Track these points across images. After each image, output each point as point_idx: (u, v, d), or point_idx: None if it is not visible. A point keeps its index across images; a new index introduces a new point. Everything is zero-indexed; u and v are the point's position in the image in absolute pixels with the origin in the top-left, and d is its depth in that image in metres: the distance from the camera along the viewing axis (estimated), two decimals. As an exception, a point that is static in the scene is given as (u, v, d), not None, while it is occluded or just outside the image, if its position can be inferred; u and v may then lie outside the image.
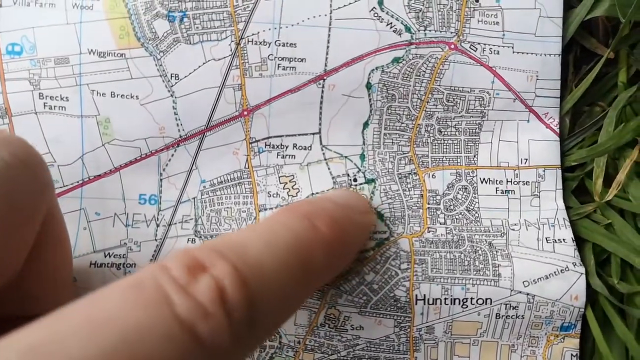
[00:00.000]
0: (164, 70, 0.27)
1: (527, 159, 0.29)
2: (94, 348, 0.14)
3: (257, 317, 0.17)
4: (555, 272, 0.27)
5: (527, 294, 0.27)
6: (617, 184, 0.28)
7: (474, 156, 0.29)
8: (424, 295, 0.27)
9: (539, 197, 0.29)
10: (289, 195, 0.28)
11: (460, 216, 0.29)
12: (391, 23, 0.27)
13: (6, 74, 0.26)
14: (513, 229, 0.28)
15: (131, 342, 0.14)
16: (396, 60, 0.28)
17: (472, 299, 0.27)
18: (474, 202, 0.29)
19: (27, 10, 0.26)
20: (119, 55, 0.27)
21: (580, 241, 0.28)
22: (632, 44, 0.28)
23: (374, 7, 0.27)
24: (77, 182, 0.27)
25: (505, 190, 0.29)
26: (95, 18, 0.26)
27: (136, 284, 0.16)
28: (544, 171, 0.29)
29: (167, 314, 0.15)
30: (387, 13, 0.27)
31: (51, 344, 0.14)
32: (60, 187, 0.27)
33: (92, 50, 0.27)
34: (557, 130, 0.29)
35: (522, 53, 0.28)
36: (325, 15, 0.27)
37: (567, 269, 0.27)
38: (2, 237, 0.18)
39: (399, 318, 0.27)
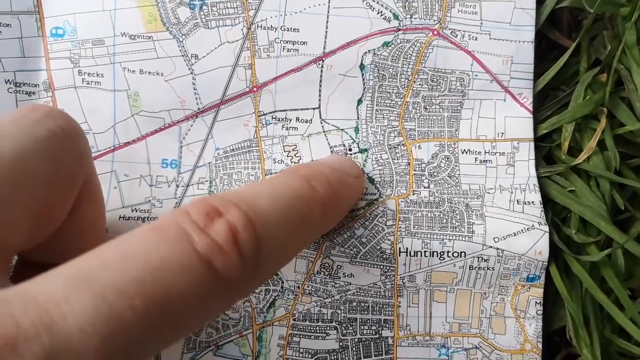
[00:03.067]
0: (185, 51, 0.31)
1: (503, 133, 0.33)
2: (126, 276, 0.16)
3: (263, 256, 0.20)
4: (522, 230, 0.31)
5: (497, 249, 0.31)
6: (589, 150, 0.31)
7: (456, 130, 0.33)
8: (407, 248, 0.31)
9: (514, 166, 0.33)
10: (292, 162, 0.32)
11: (442, 181, 0.32)
12: (381, 11, 0.31)
13: (50, 53, 0.31)
14: (489, 193, 0.32)
15: (157, 271, 0.17)
16: (386, 44, 0.32)
17: (448, 252, 0.31)
18: (455, 170, 0.33)
19: (69, -2, 0.31)
20: (147, 37, 0.31)
21: (548, 202, 0.32)
22: (592, 36, 0.32)
23: (367, -2, 0.31)
24: (110, 147, 0.32)
25: (484, 160, 0.33)
26: (127, 5, 0.31)
27: (161, 225, 0.18)
28: (518, 144, 0.33)
29: (188, 249, 0.18)
30: (377, 2, 0.31)
31: (90, 272, 0.16)
32: (95, 152, 0.31)
33: (124, 33, 0.31)
34: (531, 109, 0.33)
35: (498, 40, 0.32)
36: (324, 4, 0.31)
37: (533, 227, 0.31)
38: (50, 196, 0.21)
39: (384, 268, 0.31)
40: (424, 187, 0.32)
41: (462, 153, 0.33)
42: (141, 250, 0.17)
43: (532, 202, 0.32)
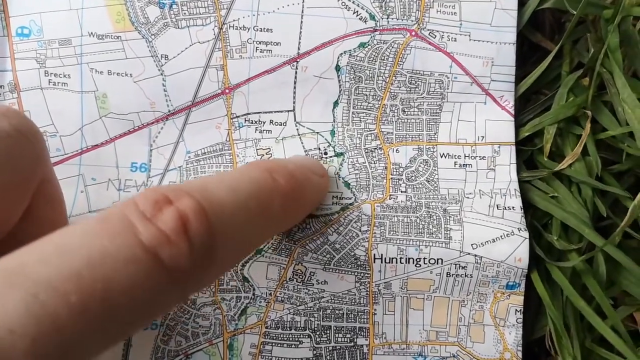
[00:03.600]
0: (155, 51, 0.30)
1: (483, 137, 0.32)
2: (60, 271, 0.15)
3: (217, 248, 0.19)
4: (501, 236, 0.30)
5: (475, 256, 0.30)
6: (574, 156, 0.30)
7: (435, 134, 0.32)
8: (381, 254, 0.30)
9: (494, 170, 0.32)
10: (265, 166, 0.31)
11: (420, 185, 0.32)
12: (357, 11, 0.31)
13: (16, 53, 0.30)
14: (468, 197, 0.31)
15: (95, 265, 0.16)
16: (362, 45, 0.31)
17: (424, 259, 0.30)
18: (434, 174, 0.32)
19: (35, -3, 0.30)
20: (115, 37, 0.30)
21: (528, 207, 0.31)
22: (575, 39, 0.31)
23: (342, -3, 0.30)
24: (77, 150, 0.31)
25: (463, 164, 0.32)
26: (95, 4, 0.30)
27: (106, 216, 0.18)
28: (499, 147, 0.32)
29: (131, 241, 0.17)
30: (353, 2, 0.30)
31: (24, 268, 0.15)
32: (62, 155, 0.31)
33: (92, 33, 0.30)
34: (512, 112, 0.32)
35: (478, 41, 0.31)
36: (298, 4, 0.30)
37: (512, 233, 0.30)
38: (0, 195, 0.20)
39: (359, 274, 0.30)
40: (401, 192, 0.31)
41: (441, 157, 0.32)
42: (81, 243, 0.16)
43: (513, 207, 0.31)
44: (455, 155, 0.32)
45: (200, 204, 0.19)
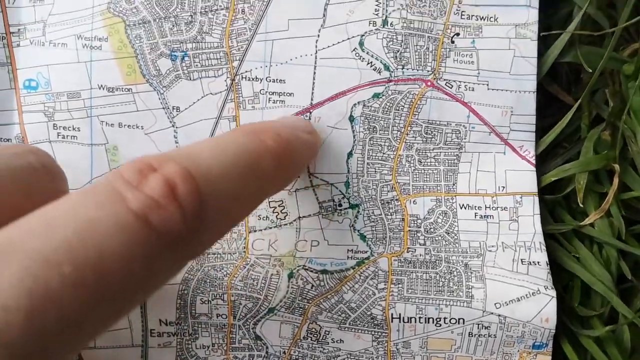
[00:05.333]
0: (166, 103, 0.30)
1: (504, 187, 0.31)
2: (51, 242, 0.15)
3: (208, 211, 0.18)
4: (526, 295, 0.29)
5: (499, 315, 0.28)
6: (602, 211, 0.29)
7: (453, 184, 0.31)
8: (400, 314, 0.29)
9: (517, 221, 0.31)
10: (277, 219, 0.31)
11: (439, 238, 0.30)
12: (371, 62, 0.30)
13: (23, 106, 0.30)
14: (490, 251, 0.30)
15: (86, 234, 0.15)
16: (376, 95, 0.30)
17: (445, 318, 0.28)
18: (454, 226, 0.31)
19: (42, 50, 0.29)
20: (126, 90, 0.30)
21: (552, 264, 0.30)
22: (592, 91, 0.30)
23: (356, 48, 0.30)
24: (85, 204, 0.30)
25: (484, 215, 0.31)
26: (104, 57, 0.29)
27: (92, 188, 0.17)
28: (521, 198, 0.31)
29: (120, 208, 0.16)
30: (367, 53, 0.30)
31: (12, 242, 0.15)
32: (70, 209, 0.30)
33: (101, 85, 0.30)
34: (533, 162, 0.31)
35: (497, 90, 0.30)
36: (311, 54, 0.30)
37: (538, 291, 0.29)
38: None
39: (376, 333, 0.29)
40: (420, 245, 0.30)
41: (461, 208, 0.31)
42: (69, 214, 0.16)
43: (538, 262, 0.30)
44: (475, 207, 0.31)
45: (186, 168, 0.18)
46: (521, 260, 0.30)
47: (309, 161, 0.30)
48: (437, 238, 0.30)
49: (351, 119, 0.30)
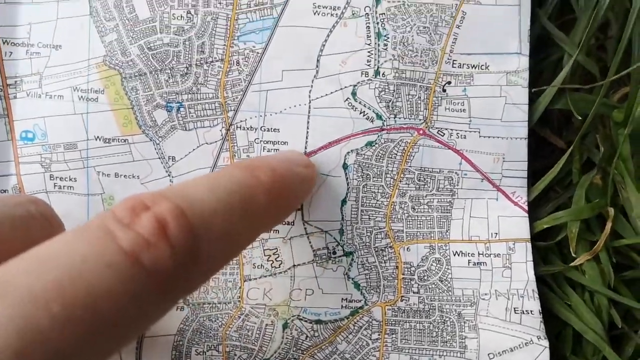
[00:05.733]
0: (162, 153, 0.30)
1: (497, 233, 0.31)
2: (41, 280, 0.15)
3: (200, 249, 0.19)
4: (520, 345, 0.29)
5: (492, 365, 0.28)
6: (592, 253, 0.29)
7: (447, 231, 0.31)
8: (394, 364, 0.29)
9: (511, 268, 0.31)
10: (272, 267, 0.31)
11: (433, 286, 0.30)
12: (364, 111, 0.30)
13: (20, 158, 0.30)
14: (483, 299, 0.30)
15: (76, 272, 0.16)
16: (369, 143, 0.31)
17: (439, 368, 0.29)
18: (447, 273, 0.31)
19: (39, 102, 0.30)
20: (122, 140, 0.30)
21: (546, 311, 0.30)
22: (583, 134, 0.30)
23: (348, 98, 0.30)
24: (81, 253, 0.30)
25: (477, 262, 0.31)
26: (100, 109, 0.30)
27: (84, 226, 0.18)
28: (514, 244, 0.31)
29: (111, 246, 0.17)
30: (360, 103, 0.30)
31: (3, 278, 0.15)
32: (66, 258, 0.30)
33: (98, 136, 0.30)
34: (526, 208, 0.31)
35: (489, 137, 0.31)
36: (305, 104, 0.30)
37: (531, 342, 0.29)
38: None
39: (370, 385, 0.29)
40: (414, 293, 0.30)
41: (454, 255, 0.31)
42: (60, 252, 0.16)
43: (531, 311, 0.30)
44: (468, 253, 0.31)
45: (179, 206, 0.18)
46: (514, 309, 0.30)
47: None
48: (430, 286, 0.30)
49: (345, 166, 0.31)
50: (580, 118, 0.29)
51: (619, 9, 0.30)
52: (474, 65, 0.30)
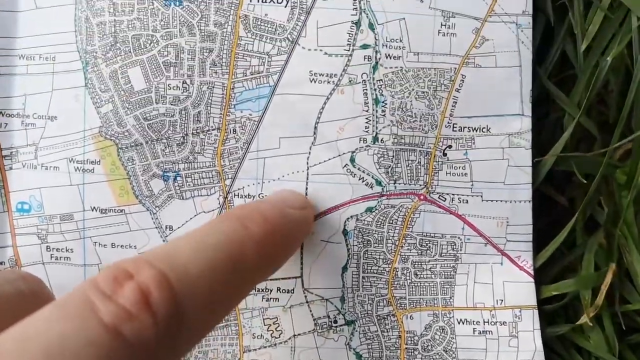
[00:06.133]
0: (159, 223, 0.30)
1: (502, 300, 0.30)
2: None
3: (185, 315, 0.18)
4: (528, 420, 0.28)
5: None
6: (596, 307, 0.29)
7: (450, 297, 0.30)
8: None
9: (517, 337, 0.30)
10: (272, 337, 0.30)
11: (437, 356, 0.30)
12: (363, 177, 0.30)
13: (16, 229, 0.30)
14: (489, 370, 0.29)
15: (55, 352, 0.15)
16: (369, 209, 0.30)
17: None
18: (452, 343, 0.30)
19: (35, 173, 0.29)
20: (119, 211, 0.30)
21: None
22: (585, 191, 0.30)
23: (347, 164, 0.30)
24: (78, 325, 0.30)
25: (483, 331, 0.30)
26: (96, 180, 0.29)
27: (66, 299, 0.17)
28: (520, 312, 0.30)
29: (91, 321, 0.16)
30: (358, 169, 0.30)
31: None
32: (62, 331, 0.29)
33: (94, 207, 0.30)
34: (532, 272, 0.30)
35: (492, 201, 0.30)
36: (303, 171, 0.30)
37: (540, 416, 0.28)
38: None
39: None
40: (417, 364, 0.29)
41: (459, 323, 0.30)
42: (39, 331, 0.16)
43: (538, 382, 0.29)
44: (473, 321, 0.30)
45: (162, 272, 0.18)
46: (522, 381, 0.29)
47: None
48: (434, 356, 0.30)
49: (345, 232, 0.30)
50: (585, 181, 0.29)
51: (618, 66, 0.29)
52: (474, 128, 0.30)
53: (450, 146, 0.30)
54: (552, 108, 0.31)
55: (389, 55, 0.29)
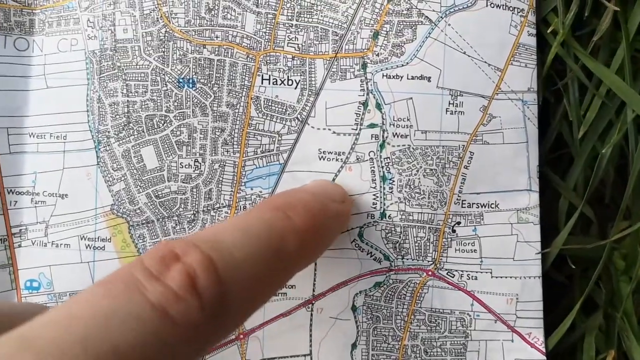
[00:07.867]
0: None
1: (514, 378, 0.30)
2: (67, 335, 0.15)
3: (229, 298, 0.18)
4: None
5: None
6: None
7: (461, 375, 0.30)
8: None
9: None
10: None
11: None
12: (371, 252, 0.30)
13: (27, 307, 0.30)
14: None
15: (102, 326, 0.16)
16: (377, 284, 0.30)
17: None
18: (463, 422, 0.29)
19: (44, 250, 0.30)
20: (127, 286, 0.30)
21: None
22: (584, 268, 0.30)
23: (355, 239, 0.30)
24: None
25: None
26: (107, 257, 0.30)
27: (113, 277, 0.18)
28: (532, 389, 0.30)
29: (139, 299, 0.17)
30: (366, 244, 0.30)
31: (35, 334, 0.15)
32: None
33: (103, 283, 0.30)
34: (543, 350, 0.30)
35: (501, 277, 0.30)
36: (312, 249, 0.30)
37: None
38: None
39: None
40: None
41: (470, 402, 0.30)
42: (87, 306, 0.16)
43: None
44: (485, 401, 0.30)
45: (209, 257, 0.18)
46: None
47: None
48: None
49: (354, 308, 0.30)
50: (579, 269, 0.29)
51: (614, 154, 0.30)
52: (483, 205, 0.30)
53: (459, 223, 0.30)
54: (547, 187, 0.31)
55: (396, 134, 0.30)
